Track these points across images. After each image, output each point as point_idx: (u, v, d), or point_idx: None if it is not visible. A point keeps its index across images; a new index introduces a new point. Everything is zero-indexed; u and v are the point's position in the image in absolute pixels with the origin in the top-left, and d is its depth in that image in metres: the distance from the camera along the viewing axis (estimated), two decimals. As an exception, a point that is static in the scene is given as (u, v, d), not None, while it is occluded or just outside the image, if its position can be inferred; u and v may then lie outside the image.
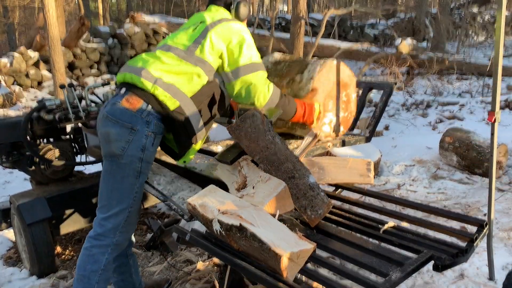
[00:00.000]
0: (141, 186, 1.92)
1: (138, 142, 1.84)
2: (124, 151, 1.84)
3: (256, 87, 1.96)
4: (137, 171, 1.87)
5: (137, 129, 1.83)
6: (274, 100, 2.02)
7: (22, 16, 18.19)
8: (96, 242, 1.90)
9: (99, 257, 1.89)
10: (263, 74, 2.00)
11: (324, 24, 10.64)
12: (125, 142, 1.83)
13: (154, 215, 3.58)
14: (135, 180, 1.89)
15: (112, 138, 1.85)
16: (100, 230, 1.90)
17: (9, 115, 7.18)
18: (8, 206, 2.99)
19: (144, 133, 1.84)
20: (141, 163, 1.87)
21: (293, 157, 1.74)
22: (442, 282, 2.43)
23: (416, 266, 1.37)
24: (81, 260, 1.91)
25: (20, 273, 2.81)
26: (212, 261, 2.69)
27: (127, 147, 1.83)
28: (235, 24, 1.97)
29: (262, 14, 19.50)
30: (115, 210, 1.89)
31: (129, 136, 1.83)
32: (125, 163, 1.85)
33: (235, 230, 1.42)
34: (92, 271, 1.88)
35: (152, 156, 1.92)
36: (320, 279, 1.37)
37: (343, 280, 1.71)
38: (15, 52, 8.94)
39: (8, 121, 2.81)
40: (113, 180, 1.89)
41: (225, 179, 1.86)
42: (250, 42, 1.97)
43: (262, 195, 1.62)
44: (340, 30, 15.07)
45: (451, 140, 4.37)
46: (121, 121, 1.84)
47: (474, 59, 9.93)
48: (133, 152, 1.84)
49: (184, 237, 1.74)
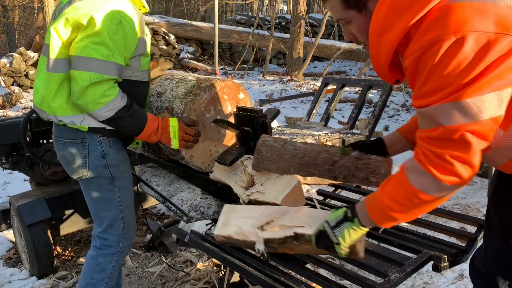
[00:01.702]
0: (121, 189, 1.88)
1: (95, 152, 1.80)
2: (87, 166, 1.81)
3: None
4: (109, 178, 1.84)
5: (87, 140, 1.79)
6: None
7: (21, 16, 18.20)
8: (102, 252, 1.89)
9: (106, 265, 1.89)
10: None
11: (324, 24, 10.65)
12: (83, 157, 1.80)
13: (154, 216, 3.58)
14: (112, 187, 1.85)
15: (70, 159, 1.82)
16: (104, 242, 1.90)
17: (8, 116, 7.18)
18: (8, 207, 2.99)
19: (96, 141, 1.80)
20: (108, 169, 1.83)
21: (320, 146, 1.66)
22: (442, 282, 2.43)
23: (415, 267, 1.36)
24: (87, 269, 1.90)
25: (20, 274, 2.81)
26: (212, 261, 2.69)
27: (87, 161, 1.80)
28: None
29: (262, 14, 19.51)
30: (108, 221, 1.88)
31: (83, 150, 1.80)
32: (93, 176, 1.83)
33: (291, 239, 1.33)
34: (98, 279, 1.88)
35: (118, 157, 1.86)
36: (320, 280, 1.37)
37: (343, 281, 1.71)
38: (15, 52, 8.95)
39: (8, 122, 2.81)
40: (92, 195, 1.88)
41: (226, 180, 1.85)
42: None
43: (274, 191, 1.62)
44: (340, 30, 15.07)
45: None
46: (69, 140, 1.80)
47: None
48: (95, 163, 1.81)
49: (183, 239, 1.74)
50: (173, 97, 2.07)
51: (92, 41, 1.62)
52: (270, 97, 8.66)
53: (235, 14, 18.81)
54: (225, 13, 20.32)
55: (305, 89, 9.58)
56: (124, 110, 1.71)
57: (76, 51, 1.64)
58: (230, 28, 12.64)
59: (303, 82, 10.37)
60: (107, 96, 1.65)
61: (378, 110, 2.56)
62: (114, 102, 1.68)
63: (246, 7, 22.20)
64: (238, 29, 12.70)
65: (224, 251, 1.60)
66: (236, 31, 12.47)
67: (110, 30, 1.64)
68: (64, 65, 1.70)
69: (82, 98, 1.64)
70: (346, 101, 7.75)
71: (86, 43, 1.62)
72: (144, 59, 1.85)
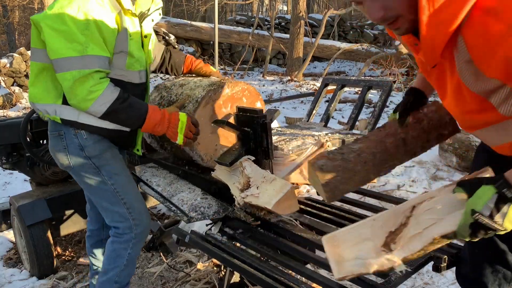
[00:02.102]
0: (112, 177, 1.86)
1: (72, 145, 1.80)
2: (69, 158, 1.82)
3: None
4: (93, 168, 1.83)
5: (63, 133, 1.80)
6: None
7: (21, 16, 18.19)
8: (117, 239, 1.91)
9: (121, 252, 1.90)
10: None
11: (323, 24, 10.65)
12: (63, 150, 1.81)
13: (154, 216, 3.58)
14: (100, 176, 1.84)
15: (53, 151, 1.85)
16: (117, 230, 1.91)
17: (9, 116, 7.18)
18: (8, 207, 2.99)
19: (71, 134, 1.79)
20: (90, 160, 1.82)
21: (375, 135, 1.44)
22: (442, 283, 2.43)
23: (415, 267, 1.36)
24: (106, 255, 1.93)
25: (20, 274, 2.81)
26: (212, 262, 2.69)
27: (68, 153, 1.81)
28: None
29: (261, 14, 19.51)
30: (112, 209, 1.88)
31: (61, 142, 1.81)
32: (77, 167, 1.84)
33: (431, 245, 1.09)
34: (116, 265, 1.90)
35: (97, 148, 1.83)
36: (320, 280, 1.37)
37: (343, 281, 1.71)
38: (15, 52, 8.95)
39: (8, 122, 2.81)
40: (85, 186, 1.90)
41: (225, 180, 1.86)
42: None
43: (267, 195, 1.62)
44: (340, 30, 15.08)
45: (450, 141, 4.37)
46: (51, 132, 1.83)
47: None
48: (75, 155, 1.81)
49: (184, 239, 1.74)
50: (195, 86, 2.12)
51: (64, 40, 1.62)
52: (270, 97, 8.66)
53: (235, 14, 18.81)
54: (225, 13, 20.32)
55: (305, 89, 9.58)
56: (118, 102, 1.69)
57: (52, 54, 1.65)
58: (230, 28, 12.65)
59: (303, 82, 10.37)
60: (95, 92, 1.65)
61: (378, 111, 2.56)
62: (104, 96, 1.67)
63: (246, 7, 22.21)
64: (238, 29, 12.70)
65: (224, 251, 1.60)
66: (236, 31, 12.47)
67: (80, 26, 1.62)
68: (40, 55, 1.72)
69: (73, 98, 1.67)
70: (346, 102, 7.75)
71: (58, 44, 1.62)
72: (130, 59, 1.81)
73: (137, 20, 1.84)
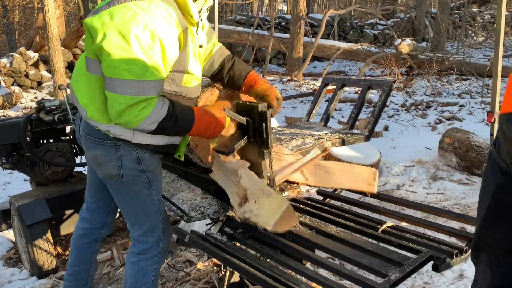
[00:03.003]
0: (159, 192, 1.82)
1: (129, 156, 1.69)
2: (121, 169, 1.70)
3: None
4: (146, 182, 1.75)
5: (120, 143, 1.68)
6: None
7: (21, 16, 18.19)
8: (143, 256, 1.84)
9: (149, 268, 1.85)
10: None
11: (324, 24, 10.65)
12: (117, 160, 1.69)
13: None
14: (150, 191, 1.77)
15: (102, 160, 1.71)
16: (144, 246, 1.84)
17: (9, 116, 7.18)
18: (8, 207, 2.99)
19: (130, 146, 1.68)
20: (144, 173, 1.74)
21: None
22: (442, 282, 2.43)
23: (415, 267, 1.37)
24: (131, 275, 1.86)
25: (20, 274, 2.82)
26: (212, 261, 2.69)
27: (121, 164, 1.69)
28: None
29: (262, 14, 19.50)
30: (149, 224, 1.81)
31: (117, 152, 1.69)
32: (128, 180, 1.73)
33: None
34: (143, 283, 1.85)
35: (153, 162, 1.77)
36: (320, 280, 1.37)
37: (343, 281, 1.71)
38: (15, 52, 8.95)
39: (8, 122, 2.81)
40: (129, 198, 1.79)
41: (224, 185, 1.83)
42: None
43: (266, 213, 1.59)
44: (340, 30, 15.07)
45: (450, 141, 4.37)
46: (101, 140, 1.69)
47: (474, 59, 9.94)
48: (129, 167, 1.70)
49: (184, 238, 1.75)
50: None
51: (123, 59, 1.46)
52: (270, 97, 8.64)
53: (235, 14, 18.81)
54: (225, 13, 20.31)
55: (305, 89, 9.58)
56: (167, 120, 1.58)
57: (107, 72, 1.52)
58: (230, 28, 12.64)
59: (303, 82, 10.37)
60: (143, 113, 1.54)
61: (378, 110, 2.55)
62: (152, 116, 1.55)
63: (246, 7, 22.20)
64: (238, 29, 12.69)
65: (224, 251, 1.60)
66: (236, 31, 12.46)
67: (143, 46, 1.47)
68: (96, 67, 1.59)
69: (119, 119, 1.57)
70: (346, 101, 7.75)
71: (116, 63, 1.47)
72: (188, 76, 1.69)
73: (195, 30, 1.69)
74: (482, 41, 13.30)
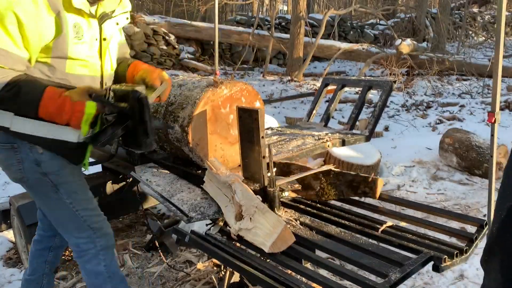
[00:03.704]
0: (71, 195, 1.74)
1: (27, 159, 1.64)
2: (23, 172, 1.67)
3: None
4: (51, 185, 1.70)
5: (17, 146, 1.63)
6: None
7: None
8: (83, 259, 1.82)
9: (97, 268, 1.82)
10: None
11: (324, 24, 10.65)
12: (17, 163, 1.65)
13: (154, 216, 3.58)
14: (58, 195, 1.71)
15: (5, 164, 1.68)
16: (78, 249, 1.81)
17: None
18: (8, 207, 2.99)
19: (26, 147, 1.64)
20: (47, 176, 1.68)
21: None
22: (442, 282, 2.43)
23: (415, 267, 1.36)
24: (85, 279, 1.86)
25: (20, 274, 2.81)
26: (212, 262, 2.69)
27: (22, 167, 1.66)
28: None
29: (262, 14, 19.50)
30: (71, 226, 1.79)
31: (16, 155, 1.64)
32: (34, 183, 1.70)
33: None
34: (100, 284, 1.83)
35: (55, 163, 1.69)
36: (320, 280, 1.37)
37: (343, 281, 1.71)
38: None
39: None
40: (42, 202, 1.78)
41: (217, 199, 1.81)
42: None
43: (262, 233, 1.56)
44: (340, 30, 15.08)
45: (451, 141, 4.37)
46: (1, 143, 1.65)
47: (474, 59, 9.94)
48: (30, 169, 1.66)
49: (184, 239, 1.74)
50: (194, 87, 2.12)
51: None
52: (270, 97, 8.66)
53: (235, 14, 18.82)
54: (225, 13, 20.32)
55: (305, 89, 9.58)
56: (5, 90, 1.48)
57: None
58: (230, 28, 12.64)
59: (303, 82, 10.37)
60: None
61: (378, 110, 2.55)
62: None
63: (246, 7, 22.20)
64: (238, 29, 12.70)
65: (224, 251, 1.60)
66: (236, 31, 12.46)
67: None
68: None
69: None
70: (346, 102, 7.75)
71: None
72: (71, 62, 1.62)
73: (94, 22, 1.67)
74: (483, 41, 13.31)
